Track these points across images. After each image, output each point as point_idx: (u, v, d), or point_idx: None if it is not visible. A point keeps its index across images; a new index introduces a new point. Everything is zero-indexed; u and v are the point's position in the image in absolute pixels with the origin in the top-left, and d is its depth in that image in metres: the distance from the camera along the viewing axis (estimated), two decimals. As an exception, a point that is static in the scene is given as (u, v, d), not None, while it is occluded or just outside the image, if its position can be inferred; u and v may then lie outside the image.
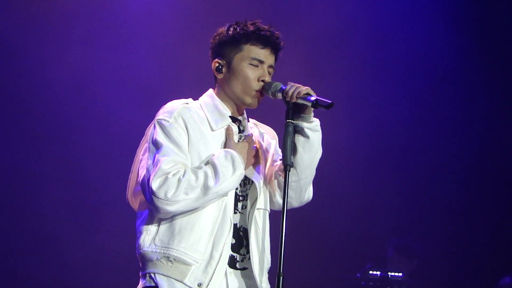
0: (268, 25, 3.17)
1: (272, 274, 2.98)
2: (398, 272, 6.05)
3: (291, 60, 5.67)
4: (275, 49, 3.17)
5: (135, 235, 3.06)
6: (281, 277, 2.90)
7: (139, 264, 3.07)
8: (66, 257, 5.78)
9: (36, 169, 5.75)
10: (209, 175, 2.95)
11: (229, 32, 3.14)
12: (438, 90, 6.61)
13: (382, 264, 6.21)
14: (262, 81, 3.12)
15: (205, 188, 2.93)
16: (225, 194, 3.01)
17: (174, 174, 2.92)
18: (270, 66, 3.16)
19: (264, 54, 3.13)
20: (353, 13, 6.45)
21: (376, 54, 6.54)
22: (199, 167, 2.98)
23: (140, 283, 3.04)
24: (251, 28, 3.13)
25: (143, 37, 6.04)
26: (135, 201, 3.14)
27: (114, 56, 5.96)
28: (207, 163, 3.00)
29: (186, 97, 3.18)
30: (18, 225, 5.71)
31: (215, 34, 3.21)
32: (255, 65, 3.13)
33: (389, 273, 6.02)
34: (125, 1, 6.03)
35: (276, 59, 3.19)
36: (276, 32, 3.17)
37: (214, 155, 3.02)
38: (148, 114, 3.40)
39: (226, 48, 3.15)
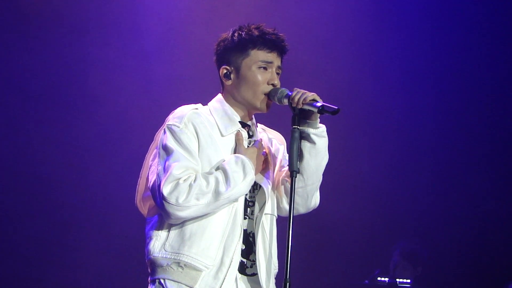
0: (272, 28, 3.17)
1: (280, 280, 2.97)
2: (407, 279, 6.02)
3: (297, 66, 5.69)
4: (281, 52, 3.17)
5: (144, 240, 3.06)
6: (288, 284, 2.89)
7: (147, 269, 3.06)
8: (74, 262, 5.79)
9: (43, 174, 5.76)
10: (220, 180, 2.94)
11: (234, 38, 3.13)
12: (463, 96, 6.55)
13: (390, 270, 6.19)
14: (272, 84, 3.12)
15: (216, 193, 2.93)
16: (236, 200, 3.01)
17: (185, 180, 2.92)
18: (277, 69, 3.16)
19: (271, 58, 3.13)
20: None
21: (392, 64, 6.51)
22: (210, 173, 2.98)
23: (149, 288, 3.04)
24: (256, 32, 3.13)
25: (150, 41, 6.05)
26: (144, 206, 3.14)
27: (121, 60, 5.97)
28: (217, 169, 3.00)
29: (193, 102, 3.18)
30: (25, 230, 5.72)
31: (219, 40, 3.20)
32: (263, 69, 3.12)
33: (398, 280, 5.99)
34: (133, 4, 6.04)
35: (281, 62, 3.19)
36: (281, 35, 3.16)
37: (224, 161, 3.02)
38: (155, 119, 3.41)
39: (232, 54, 3.14)
